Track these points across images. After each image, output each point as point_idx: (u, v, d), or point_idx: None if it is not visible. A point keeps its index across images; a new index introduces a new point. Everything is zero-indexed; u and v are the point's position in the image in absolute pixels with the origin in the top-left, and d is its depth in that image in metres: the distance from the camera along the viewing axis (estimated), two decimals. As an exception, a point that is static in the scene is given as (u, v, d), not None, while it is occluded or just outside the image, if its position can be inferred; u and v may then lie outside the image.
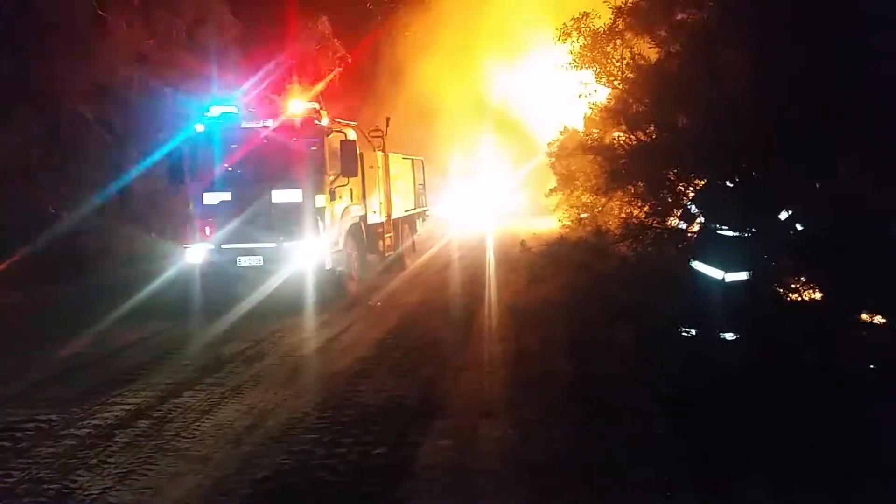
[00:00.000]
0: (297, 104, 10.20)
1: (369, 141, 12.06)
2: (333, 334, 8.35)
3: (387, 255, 12.54)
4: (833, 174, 6.91)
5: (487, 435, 4.91)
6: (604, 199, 11.21)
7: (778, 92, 6.41)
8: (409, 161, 14.97)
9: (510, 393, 5.85)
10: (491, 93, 25.67)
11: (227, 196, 9.77)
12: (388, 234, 12.55)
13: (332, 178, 10.01)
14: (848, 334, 5.94)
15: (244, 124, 10.02)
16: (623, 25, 9.93)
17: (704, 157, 7.70)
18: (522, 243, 14.65)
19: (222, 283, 9.97)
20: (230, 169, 10.03)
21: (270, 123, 9.96)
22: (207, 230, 9.88)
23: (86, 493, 4.27)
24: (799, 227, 6.26)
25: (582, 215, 13.25)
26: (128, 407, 5.81)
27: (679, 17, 8.76)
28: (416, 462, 4.52)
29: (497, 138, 26.36)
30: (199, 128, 10.06)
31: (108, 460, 4.73)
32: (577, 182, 13.81)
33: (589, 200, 12.91)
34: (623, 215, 10.47)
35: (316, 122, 9.97)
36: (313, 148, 9.85)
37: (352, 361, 7.04)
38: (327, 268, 9.75)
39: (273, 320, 8.98)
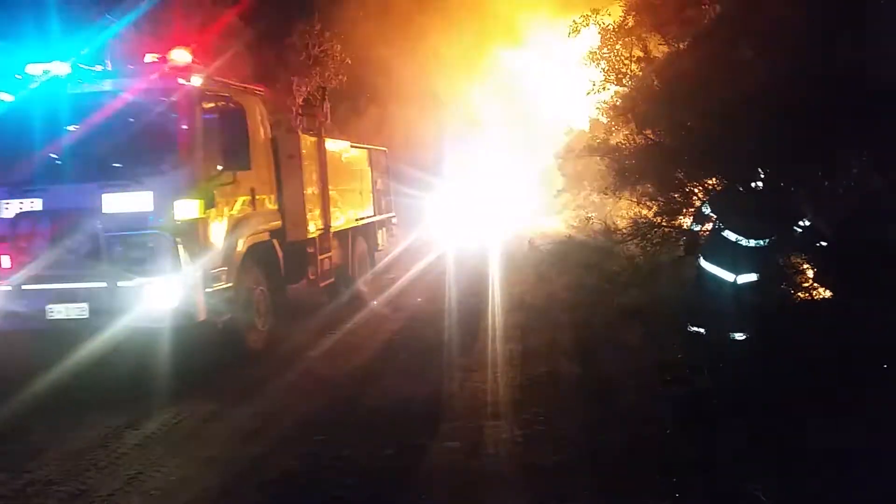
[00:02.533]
0: (154, 56, 6.69)
1: (290, 119, 9.10)
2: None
3: (324, 284, 8.87)
4: (846, 174, 6.87)
5: (494, 437, 4.90)
6: (612, 201, 11.20)
7: (789, 89, 6.37)
8: (364, 151, 11.10)
9: (517, 394, 5.83)
10: (496, 89, 25.49)
11: (34, 205, 6.31)
12: (326, 255, 8.80)
13: (208, 171, 6.48)
14: (859, 333, 5.90)
15: (71, 89, 6.52)
16: (634, 22, 9.88)
17: (714, 157, 7.68)
18: (530, 241, 14.61)
19: (22, 347, 6.74)
20: (43, 161, 6.53)
21: (109, 86, 6.52)
22: (4, 261, 6.35)
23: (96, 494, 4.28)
24: (824, 243, 6.14)
25: (590, 215, 13.28)
26: None
27: (690, 14, 8.73)
28: (423, 464, 4.52)
29: (501, 138, 26.05)
30: (5, 98, 6.66)
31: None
32: (584, 183, 13.82)
33: (597, 200, 12.92)
34: (632, 215, 10.47)
35: (181, 81, 6.43)
36: (183, 126, 6.39)
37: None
38: (200, 319, 6.27)
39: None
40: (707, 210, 6.46)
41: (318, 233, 8.63)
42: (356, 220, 10.23)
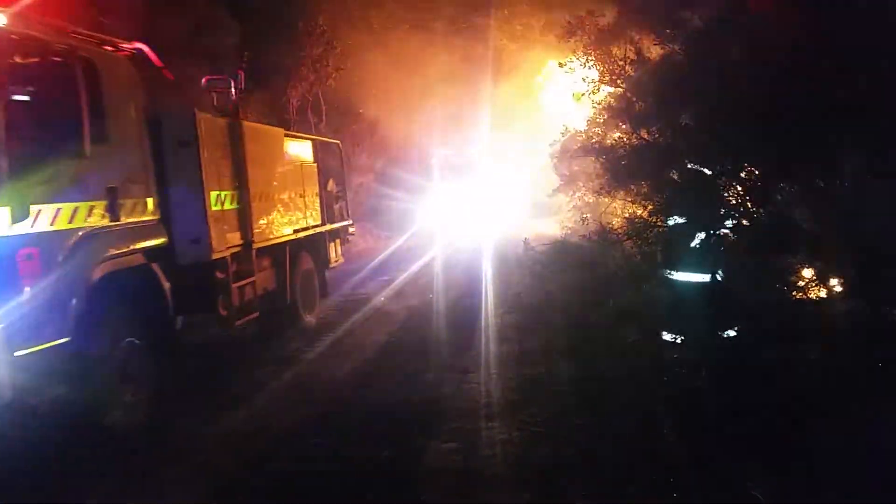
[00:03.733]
0: None
1: (183, 92, 7.19)
2: None
3: (242, 321, 6.56)
4: (837, 173, 6.88)
5: (492, 438, 4.89)
6: (607, 200, 11.20)
7: (780, 85, 6.38)
8: (307, 143, 9.03)
9: (514, 395, 5.82)
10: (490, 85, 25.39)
11: None
12: (246, 281, 6.61)
13: (22, 162, 4.20)
14: (856, 332, 5.90)
15: None
16: (627, 23, 9.93)
17: (707, 157, 7.68)
18: (525, 241, 14.53)
19: None
20: None
21: None
22: None
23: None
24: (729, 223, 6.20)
25: (585, 215, 13.25)
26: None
27: (681, 15, 8.77)
28: (420, 466, 4.50)
29: (495, 136, 25.92)
30: None
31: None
32: (579, 183, 13.80)
33: (592, 201, 12.91)
34: (627, 215, 10.48)
35: None
36: None
37: None
38: (4, 400, 4.02)
39: None
40: (669, 220, 6.48)
41: (232, 251, 6.38)
42: (295, 231, 7.94)
